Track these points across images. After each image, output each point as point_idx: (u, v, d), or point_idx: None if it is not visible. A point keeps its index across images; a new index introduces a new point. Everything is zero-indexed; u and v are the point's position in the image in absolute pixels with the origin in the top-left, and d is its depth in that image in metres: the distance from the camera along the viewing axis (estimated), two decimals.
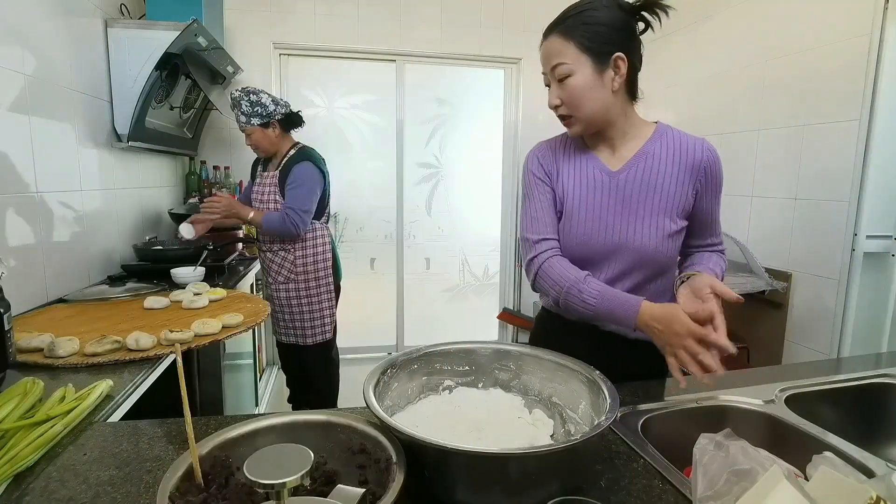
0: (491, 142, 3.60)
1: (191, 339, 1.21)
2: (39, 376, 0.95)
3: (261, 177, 2.14)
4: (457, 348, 0.88)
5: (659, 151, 1.04)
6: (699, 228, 1.09)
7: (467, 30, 3.30)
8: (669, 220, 1.02)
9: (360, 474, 0.61)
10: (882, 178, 2.07)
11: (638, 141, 1.06)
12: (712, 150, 1.04)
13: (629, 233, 1.02)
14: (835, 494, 0.55)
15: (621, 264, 1.04)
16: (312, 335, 2.16)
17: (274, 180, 2.07)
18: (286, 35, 3.09)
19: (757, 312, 2.57)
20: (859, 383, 1.07)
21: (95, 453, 0.74)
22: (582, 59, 0.98)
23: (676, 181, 1.02)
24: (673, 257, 1.06)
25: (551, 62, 1.00)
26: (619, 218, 1.03)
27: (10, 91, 1.47)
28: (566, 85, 0.99)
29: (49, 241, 1.64)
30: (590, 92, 0.99)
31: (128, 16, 2.25)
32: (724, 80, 2.79)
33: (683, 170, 1.02)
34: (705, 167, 1.02)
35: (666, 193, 1.02)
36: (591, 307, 0.97)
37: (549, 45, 1.01)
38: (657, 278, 1.06)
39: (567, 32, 0.99)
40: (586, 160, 1.08)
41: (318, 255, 2.14)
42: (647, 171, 1.03)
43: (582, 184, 1.07)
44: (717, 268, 1.06)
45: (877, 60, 2.01)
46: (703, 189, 1.04)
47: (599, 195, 1.05)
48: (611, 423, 0.63)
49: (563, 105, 1.02)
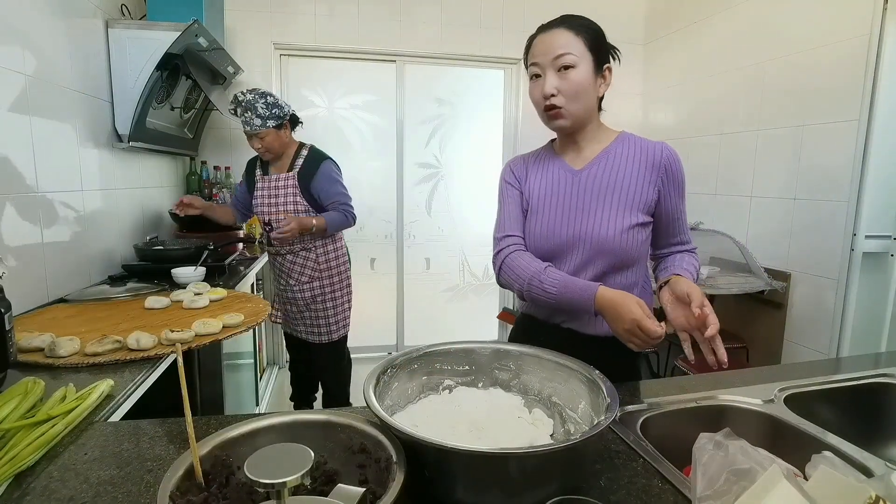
0: (491, 142, 3.60)
1: (191, 338, 1.21)
2: (40, 376, 0.95)
3: (264, 180, 2.08)
4: (457, 348, 0.88)
5: (620, 152, 1.10)
6: (666, 227, 1.13)
7: (467, 30, 3.30)
8: (629, 213, 1.06)
9: (360, 474, 0.61)
10: (881, 178, 2.07)
11: (602, 144, 1.12)
12: (671, 150, 1.09)
13: (588, 225, 1.07)
14: (834, 494, 0.55)
15: (582, 255, 1.08)
16: (337, 329, 2.18)
17: (292, 182, 2.02)
18: (286, 35, 3.09)
19: (756, 312, 2.57)
20: (858, 383, 1.07)
21: (96, 453, 0.75)
22: (587, 57, 1.03)
23: (636, 178, 1.07)
24: (635, 251, 1.08)
25: (556, 51, 1.02)
26: (579, 212, 1.08)
27: (11, 91, 1.47)
28: (567, 76, 1.02)
29: (50, 241, 1.64)
30: (586, 89, 1.04)
31: (128, 16, 2.25)
32: (724, 80, 2.79)
33: (643, 167, 1.07)
34: (665, 165, 1.07)
35: (626, 189, 1.07)
36: (552, 296, 1.01)
37: (554, 36, 1.03)
38: (621, 271, 1.09)
39: (576, 29, 1.03)
40: (553, 163, 1.15)
41: (338, 250, 2.17)
42: (607, 168, 1.09)
43: (547, 183, 1.13)
44: (691, 267, 1.10)
45: (876, 60, 2.01)
46: (664, 187, 1.08)
47: (562, 192, 1.11)
48: (610, 422, 0.63)
49: (560, 95, 1.03)
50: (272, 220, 2.03)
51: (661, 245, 1.17)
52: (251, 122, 1.92)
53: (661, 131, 3.31)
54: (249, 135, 1.97)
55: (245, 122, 1.94)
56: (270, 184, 2.06)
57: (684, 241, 1.17)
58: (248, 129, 1.95)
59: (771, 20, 2.49)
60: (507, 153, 3.57)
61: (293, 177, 2.03)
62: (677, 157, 1.09)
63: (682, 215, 1.13)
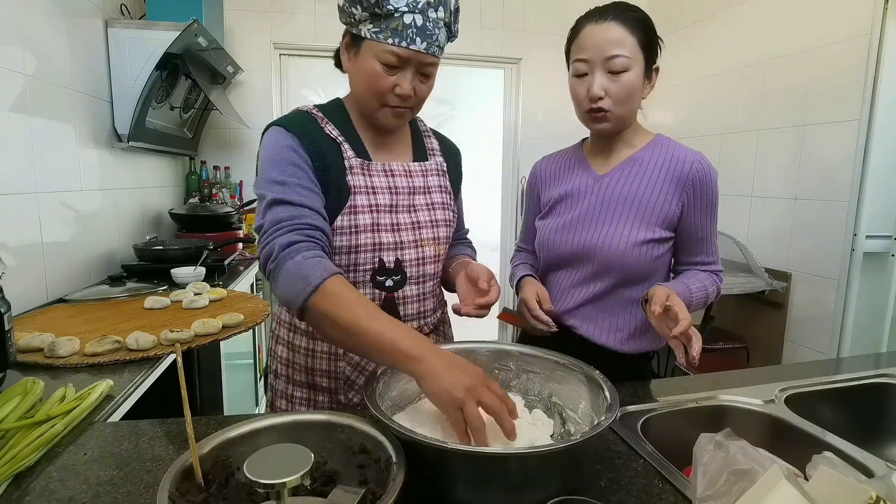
0: (491, 142, 3.60)
1: (191, 338, 1.21)
2: (40, 376, 0.95)
3: (396, 166, 1.02)
4: (457, 348, 0.88)
5: (648, 159, 1.03)
6: (687, 245, 1.06)
7: (467, 30, 3.29)
8: (646, 227, 1.00)
9: (360, 474, 0.61)
10: (881, 178, 2.07)
11: (633, 149, 1.06)
12: (704, 164, 1.01)
13: (598, 236, 1.02)
14: (834, 494, 0.55)
15: (592, 267, 1.04)
16: None
17: (439, 168, 1.07)
18: (286, 35, 3.09)
19: (756, 312, 2.57)
20: (859, 383, 1.07)
21: (96, 453, 0.74)
22: (639, 58, 0.96)
23: (658, 189, 1.00)
24: (647, 267, 1.02)
25: (609, 50, 0.93)
26: (592, 221, 1.03)
27: (10, 91, 1.47)
28: (620, 79, 0.95)
29: (49, 240, 1.64)
30: (636, 93, 0.97)
31: (128, 16, 2.25)
32: (724, 80, 2.79)
33: (669, 180, 1.00)
34: (693, 180, 0.99)
35: (646, 201, 1.01)
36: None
37: (607, 31, 0.94)
38: (634, 285, 1.04)
39: (630, 25, 0.94)
40: (578, 165, 1.10)
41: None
42: (630, 176, 1.02)
43: (567, 186, 1.09)
44: (697, 283, 1.01)
45: (876, 60, 2.01)
46: (689, 203, 1.00)
47: (580, 198, 1.06)
48: (611, 422, 0.63)
49: (607, 98, 0.96)
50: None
51: (681, 262, 1.09)
52: (440, 40, 0.91)
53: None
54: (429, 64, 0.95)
55: (434, 38, 0.91)
56: (411, 172, 1.44)
57: (707, 262, 1.07)
58: (431, 52, 0.92)
59: (771, 20, 2.49)
60: (507, 153, 3.56)
61: (439, 164, 1.51)
62: (710, 172, 1.01)
63: (709, 234, 1.05)
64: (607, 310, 1.06)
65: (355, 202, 0.92)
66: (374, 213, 0.94)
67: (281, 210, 0.85)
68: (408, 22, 0.83)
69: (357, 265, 0.94)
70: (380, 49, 0.85)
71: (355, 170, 0.94)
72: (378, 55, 0.86)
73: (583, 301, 1.07)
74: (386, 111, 0.92)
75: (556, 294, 1.11)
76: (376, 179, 0.96)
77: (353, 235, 0.92)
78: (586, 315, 1.08)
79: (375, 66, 0.86)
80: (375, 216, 0.94)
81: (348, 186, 0.92)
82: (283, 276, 0.79)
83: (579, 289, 1.08)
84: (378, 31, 0.84)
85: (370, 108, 0.92)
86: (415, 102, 0.92)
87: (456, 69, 3.47)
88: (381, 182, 0.96)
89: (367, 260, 0.94)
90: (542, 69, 3.31)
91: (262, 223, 0.86)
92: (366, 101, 0.92)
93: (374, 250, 0.94)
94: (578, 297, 1.08)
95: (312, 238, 0.83)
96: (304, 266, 0.78)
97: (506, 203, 3.60)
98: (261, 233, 0.86)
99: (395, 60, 0.86)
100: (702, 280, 1.04)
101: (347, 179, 0.93)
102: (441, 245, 1.04)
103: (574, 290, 1.09)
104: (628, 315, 1.06)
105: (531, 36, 3.29)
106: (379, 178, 0.96)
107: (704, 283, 1.03)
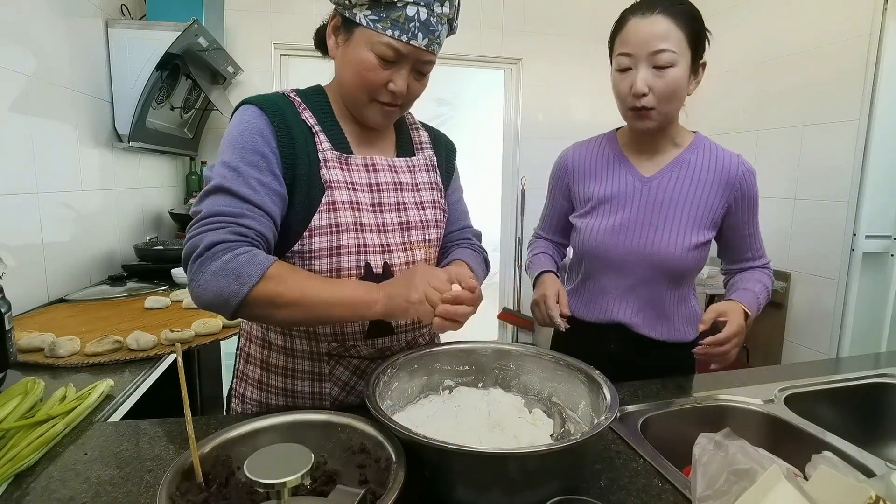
0: (490, 142, 3.60)
1: (191, 338, 1.21)
2: (40, 376, 0.95)
3: (385, 161, 0.96)
4: (457, 348, 0.88)
5: (695, 161, 1.02)
6: (736, 244, 1.07)
7: (467, 30, 3.30)
8: (697, 231, 1.01)
9: (360, 474, 0.61)
10: (881, 178, 2.07)
11: (677, 149, 1.04)
12: (748, 165, 1.03)
13: (655, 241, 1.01)
14: (834, 494, 0.55)
15: (643, 272, 1.03)
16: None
17: (429, 163, 1.00)
18: (286, 35, 3.09)
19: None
20: (858, 383, 1.07)
21: (96, 453, 0.75)
22: (686, 54, 0.92)
23: (708, 192, 1.01)
24: (694, 268, 1.05)
25: (655, 45, 0.90)
26: (645, 225, 1.02)
27: (10, 91, 1.47)
28: (666, 74, 0.91)
29: (50, 241, 1.64)
30: (681, 90, 0.94)
31: (128, 16, 2.25)
32: (724, 80, 2.79)
33: (717, 181, 1.01)
34: (741, 182, 1.01)
35: (697, 203, 1.00)
36: (531, 274, 1.15)
37: (653, 24, 0.90)
38: (678, 286, 1.06)
39: (678, 18, 0.91)
40: (619, 163, 1.07)
41: None
42: (681, 179, 1.01)
43: (612, 187, 1.05)
44: (758, 285, 1.04)
45: (876, 60, 2.01)
46: (736, 204, 1.02)
47: (628, 200, 1.04)
48: (611, 422, 0.63)
49: (652, 94, 0.93)
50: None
51: (732, 260, 1.11)
52: (443, 36, 0.89)
53: None
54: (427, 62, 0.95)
55: (436, 35, 0.89)
56: (400, 167, 1.51)
57: (756, 257, 1.09)
58: (431, 50, 0.89)
59: (771, 21, 2.49)
60: (507, 153, 3.56)
61: (430, 157, 1.34)
62: (753, 173, 1.02)
63: (755, 231, 1.07)
64: (657, 307, 1.07)
65: (333, 198, 0.82)
66: (356, 212, 0.84)
67: (223, 201, 0.74)
68: (411, 14, 0.76)
69: (341, 269, 0.83)
70: (376, 40, 0.77)
71: (331, 163, 0.83)
72: (374, 46, 0.78)
73: (637, 301, 1.07)
74: (375, 107, 0.84)
75: (609, 295, 1.09)
76: (356, 174, 0.86)
77: (333, 236, 0.82)
78: (639, 312, 1.07)
79: (369, 57, 0.78)
80: (357, 214, 0.84)
81: (323, 181, 0.82)
82: (211, 276, 0.70)
83: (632, 291, 1.07)
84: (376, 20, 0.76)
85: (357, 102, 0.84)
86: (406, 101, 0.85)
87: (456, 69, 3.47)
88: (361, 177, 0.87)
89: (351, 264, 0.83)
90: (542, 69, 3.30)
91: (199, 209, 0.75)
92: (353, 93, 0.84)
93: (359, 253, 0.84)
94: (632, 298, 1.07)
95: (248, 239, 0.74)
96: (234, 263, 0.70)
97: (506, 203, 3.59)
98: (193, 219, 0.75)
99: (393, 55, 0.78)
100: (760, 280, 1.06)
101: (322, 173, 0.82)
102: (432, 248, 0.94)
103: (627, 293, 1.07)
104: (674, 307, 1.08)
105: (531, 36, 3.29)
106: (359, 172, 0.87)
107: (764, 283, 1.06)
